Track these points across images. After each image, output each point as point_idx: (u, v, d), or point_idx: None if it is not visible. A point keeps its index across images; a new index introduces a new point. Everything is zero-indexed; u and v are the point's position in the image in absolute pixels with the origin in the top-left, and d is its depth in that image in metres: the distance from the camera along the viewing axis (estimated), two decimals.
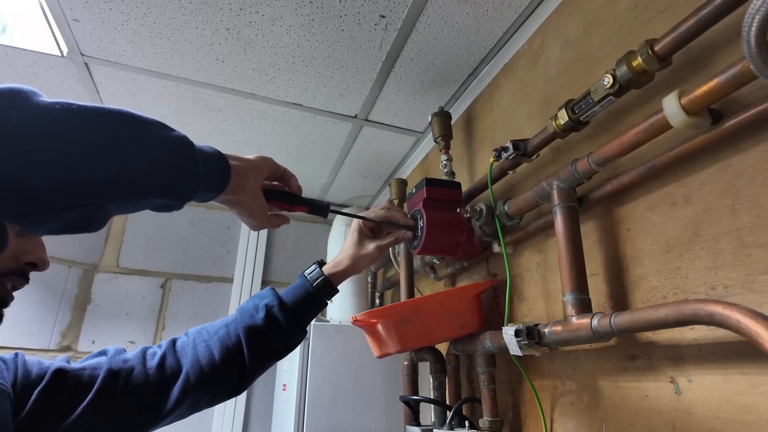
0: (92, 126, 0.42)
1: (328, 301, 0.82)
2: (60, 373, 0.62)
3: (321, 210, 0.74)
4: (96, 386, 0.62)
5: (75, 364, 0.66)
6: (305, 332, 0.79)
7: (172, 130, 0.49)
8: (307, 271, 0.81)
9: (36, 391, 0.59)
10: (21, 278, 0.56)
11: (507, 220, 0.97)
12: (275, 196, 0.68)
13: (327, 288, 0.80)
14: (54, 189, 0.39)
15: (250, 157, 0.62)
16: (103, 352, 0.69)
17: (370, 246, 0.85)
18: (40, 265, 0.57)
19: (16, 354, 0.63)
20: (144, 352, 0.71)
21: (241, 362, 0.72)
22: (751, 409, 0.54)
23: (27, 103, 0.40)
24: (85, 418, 0.61)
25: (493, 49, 1.19)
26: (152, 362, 0.69)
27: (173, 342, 0.73)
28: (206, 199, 0.55)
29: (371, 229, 0.89)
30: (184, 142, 0.50)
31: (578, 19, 0.92)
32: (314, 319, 1.45)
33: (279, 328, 0.74)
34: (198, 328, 0.76)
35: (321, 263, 0.83)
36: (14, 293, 0.56)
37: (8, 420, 0.54)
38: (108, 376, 0.64)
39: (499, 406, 0.95)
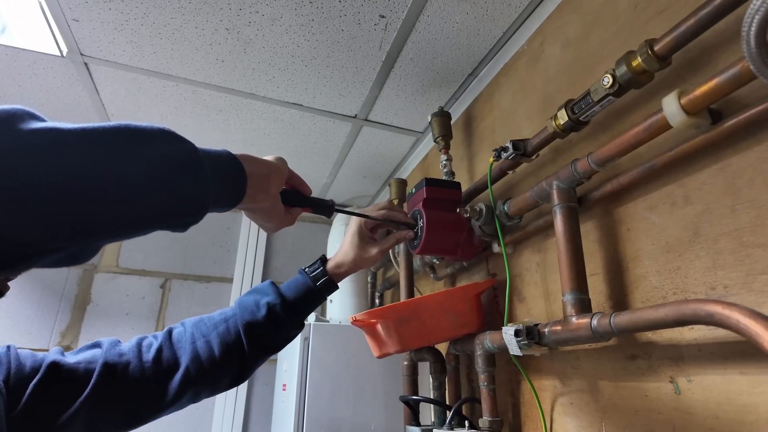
0: (82, 156, 0.37)
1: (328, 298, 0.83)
2: (55, 367, 0.61)
3: (326, 209, 0.73)
4: (92, 381, 0.61)
5: (69, 357, 0.64)
6: (303, 326, 0.80)
7: (179, 141, 0.44)
8: (310, 269, 0.81)
9: (31, 385, 0.58)
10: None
11: (507, 220, 0.97)
12: (284, 196, 0.66)
13: (329, 286, 0.81)
14: (34, 234, 0.34)
15: (270, 159, 0.60)
16: (97, 345, 0.67)
17: (373, 250, 0.86)
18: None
19: (8, 347, 0.61)
20: (139, 344, 0.69)
21: (241, 357, 0.72)
22: (751, 409, 0.54)
23: (8, 132, 0.34)
24: (83, 412, 0.60)
25: (492, 49, 1.19)
26: (148, 355, 0.68)
27: (169, 333, 0.72)
28: (219, 212, 0.52)
29: (371, 228, 0.89)
30: (190, 159, 0.44)
31: (578, 19, 0.92)
32: (314, 319, 1.45)
33: (280, 324, 0.75)
34: (195, 320, 0.75)
35: (323, 260, 0.83)
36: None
37: (1, 416, 0.53)
38: (104, 371, 0.63)
39: (499, 406, 0.95)
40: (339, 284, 0.83)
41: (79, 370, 0.62)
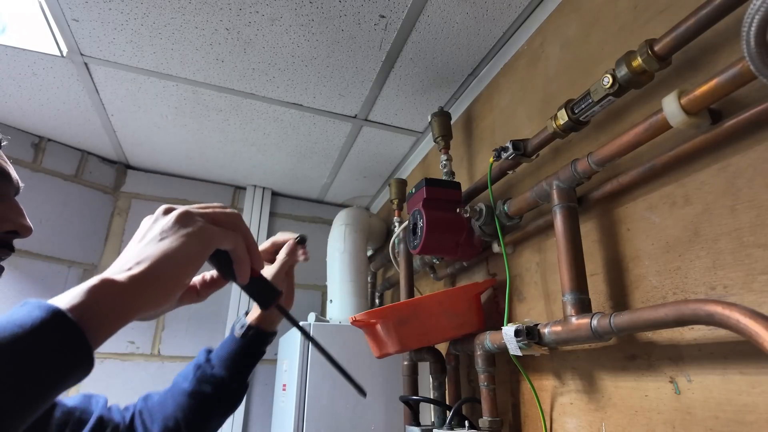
0: None
1: (264, 350, 0.67)
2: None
3: (264, 299, 0.50)
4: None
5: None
6: (246, 384, 0.66)
7: None
8: (236, 325, 0.67)
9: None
10: (4, 248, 0.50)
11: (507, 220, 0.97)
12: (215, 262, 0.46)
13: (258, 336, 0.66)
14: None
15: (178, 236, 0.38)
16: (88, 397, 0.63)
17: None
18: (21, 231, 0.50)
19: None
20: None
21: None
22: (751, 408, 0.54)
23: None
24: None
25: (492, 49, 1.19)
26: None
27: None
28: None
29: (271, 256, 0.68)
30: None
31: (578, 19, 0.93)
32: (314, 319, 1.45)
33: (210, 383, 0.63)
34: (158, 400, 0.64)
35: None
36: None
37: None
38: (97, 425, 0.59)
39: (499, 406, 0.95)
40: (339, 283, 0.80)
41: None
